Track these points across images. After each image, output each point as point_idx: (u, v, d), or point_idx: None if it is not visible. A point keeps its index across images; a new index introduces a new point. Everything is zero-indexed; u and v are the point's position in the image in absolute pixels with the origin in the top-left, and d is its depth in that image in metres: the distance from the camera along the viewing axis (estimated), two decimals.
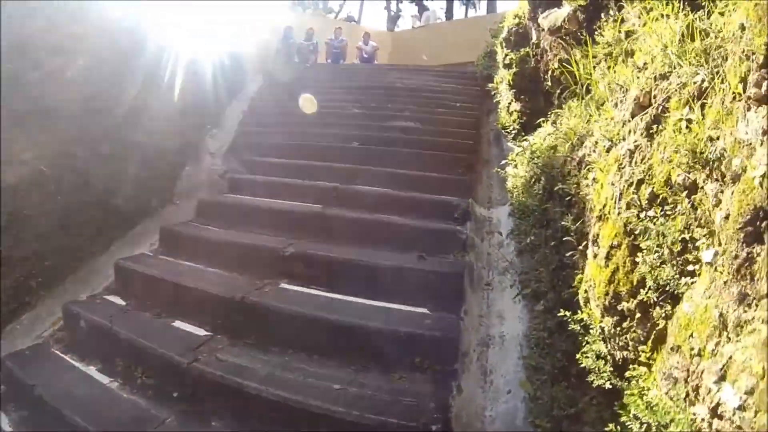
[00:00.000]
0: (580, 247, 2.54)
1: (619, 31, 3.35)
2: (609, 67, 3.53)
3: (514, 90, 6.07)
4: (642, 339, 1.83)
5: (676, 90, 1.95)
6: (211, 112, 7.42)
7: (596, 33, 3.89)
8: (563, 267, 2.78)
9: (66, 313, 3.76)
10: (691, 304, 1.51)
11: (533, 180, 4.02)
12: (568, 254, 2.68)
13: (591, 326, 2.20)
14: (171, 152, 5.88)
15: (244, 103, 8.36)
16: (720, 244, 1.43)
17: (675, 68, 2.04)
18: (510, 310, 3.33)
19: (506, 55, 6.34)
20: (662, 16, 2.41)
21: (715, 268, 1.42)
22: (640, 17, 2.86)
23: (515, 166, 4.78)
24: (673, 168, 1.79)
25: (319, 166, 5.52)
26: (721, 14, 1.94)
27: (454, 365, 2.78)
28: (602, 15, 3.83)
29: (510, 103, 6.24)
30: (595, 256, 2.21)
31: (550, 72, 5.07)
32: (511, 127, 6.00)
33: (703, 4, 2.12)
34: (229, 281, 3.66)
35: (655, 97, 2.16)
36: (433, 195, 4.67)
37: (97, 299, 3.97)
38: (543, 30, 5.04)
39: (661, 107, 2.05)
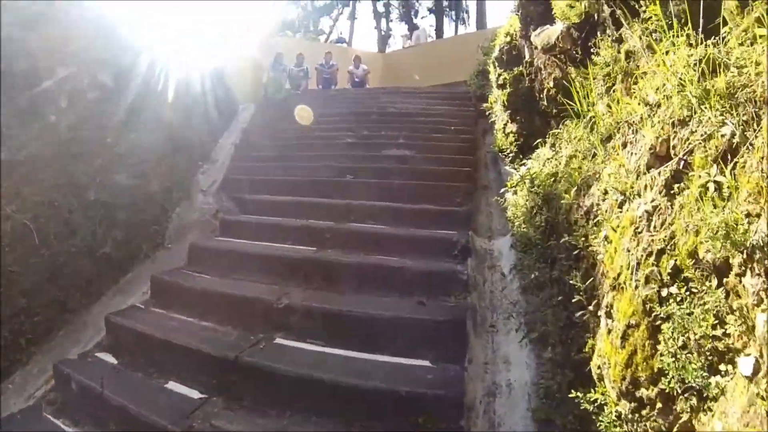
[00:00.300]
0: (590, 307, 2.34)
1: (618, 51, 3.21)
2: (608, 89, 3.39)
3: (509, 111, 5.94)
4: (664, 430, 1.64)
5: (699, 142, 1.74)
6: (202, 146, 7.31)
7: (592, 52, 3.76)
8: (572, 325, 2.57)
9: (57, 374, 3.63)
10: (724, 425, 1.31)
11: (534, 210, 3.87)
12: (577, 314, 2.47)
13: (605, 405, 2.01)
14: (160, 193, 5.74)
15: (236, 135, 8.23)
16: (762, 356, 1.22)
17: (695, 113, 1.83)
18: (516, 355, 3.15)
19: (499, 75, 6.23)
20: (672, 44, 2.21)
21: (757, 393, 1.20)
22: (641, 38, 2.71)
23: (515, 192, 4.63)
24: (700, 242, 1.58)
25: (312, 203, 5.37)
26: (741, 44, 1.78)
27: (460, 422, 2.60)
28: (598, 33, 3.69)
29: (506, 125, 6.11)
30: (609, 331, 2.01)
31: (545, 91, 4.95)
32: (509, 150, 5.86)
33: (720, 28, 1.94)
34: (223, 337, 3.50)
35: (674, 147, 1.95)
36: (431, 230, 4.51)
37: (89, 357, 3.82)
38: (536, 48, 4.92)
39: (682, 162, 1.83)
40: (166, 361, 3.47)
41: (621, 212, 2.27)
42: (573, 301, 2.47)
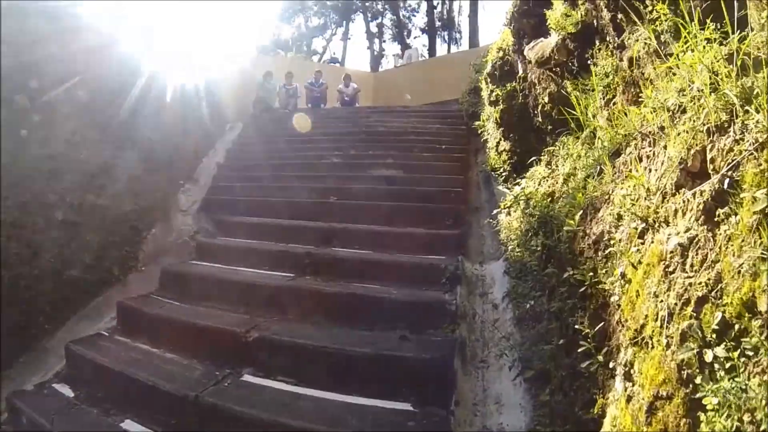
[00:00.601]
0: (600, 357, 1.95)
1: (621, 59, 2.94)
2: (608, 100, 3.13)
3: (502, 128, 5.70)
4: None
5: (750, 153, 1.36)
6: (185, 165, 7.03)
7: (590, 63, 3.52)
8: (577, 374, 2.16)
9: (9, 407, 3.39)
10: None
11: (530, 234, 3.58)
12: (583, 364, 2.04)
13: None
14: (136, 213, 5.44)
15: (221, 154, 8.00)
16: None
17: (737, 116, 1.45)
18: (509, 395, 2.83)
19: (492, 91, 6.00)
20: (693, 39, 1.85)
21: None
22: (647, 43, 2.43)
23: (508, 213, 4.36)
24: (762, 290, 1.17)
25: (293, 226, 5.08)
26: None
27: None
28: (596, 42, 3.45)
29: (498, 143, 5.86)
30: (629, 399, 1.61)
31: (540, 107, 4.73)
32: (502, 169, 5.62)
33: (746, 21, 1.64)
34: (186, 372, 3.18)
35: (711, 161, 1.55)
36: (418, 255, 4.20)
37: (45, 389, 3.55)
38: (530, 62, 4.69)
39: (727, 180, 1.42)
40: (125, 397, 3.18)
41: (643, 244, 1.87)
42: (579, 350, 2.07)
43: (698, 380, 1.30)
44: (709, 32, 1.77)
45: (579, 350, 2.04)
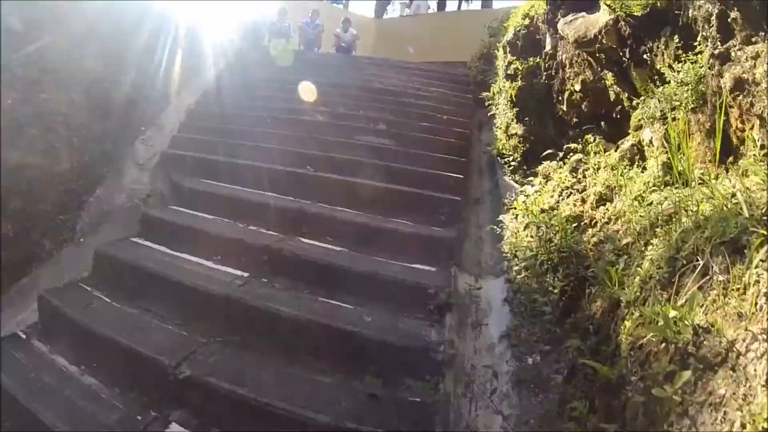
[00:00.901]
0: None
1: (719, 75, 2.05)
2: (672, 119, 2.33)
3: (516, 108, 4.91)
4: None
5: None
6: (148, 106, 6.01)
7: (657, 59, 2.73)
8: None
9: None
10: None
11: (545, 266, 2.88)
12: None
13: None
14: (76, 172, 4.55)
15: (195, 96, 7.03)
16: None
17: None
18: None
19: (510, 63, 5.18)
20: None
21: None
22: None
23: (515, 217, 3.66)
24: None
25: (257, 203, 4.26)
26: None
27: None
28: (666, 36, 2.64)
29: (510, 124, 5.08)
30: None
31: (567, 94, 3.98)
32: (511, 156, 4.88)
33: None
34: (102, 413, 2.49)
35: None
36: (403, 263, 3.44)
37: None
38: (563, 38, 3.88)
39: None
40: None
41: None
42: None
43: None
44: None
45: None
